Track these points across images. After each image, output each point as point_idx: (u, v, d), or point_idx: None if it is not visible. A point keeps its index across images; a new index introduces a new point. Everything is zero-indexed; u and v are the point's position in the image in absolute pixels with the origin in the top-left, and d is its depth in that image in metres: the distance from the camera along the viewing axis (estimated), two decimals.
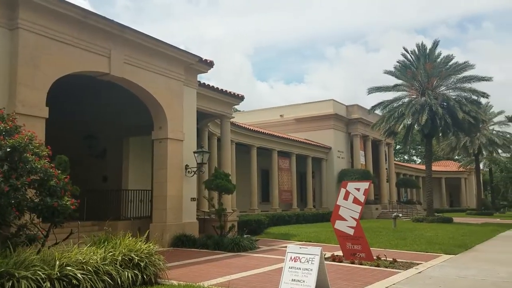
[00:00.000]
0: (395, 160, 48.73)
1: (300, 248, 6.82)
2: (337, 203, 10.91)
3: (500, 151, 46.05)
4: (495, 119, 46.62)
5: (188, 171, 14.50)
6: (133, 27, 12.40)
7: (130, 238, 7.76)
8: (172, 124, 13.82)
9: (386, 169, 41.07)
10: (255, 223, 18.26)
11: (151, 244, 7.74)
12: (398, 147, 63.81)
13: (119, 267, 6.87)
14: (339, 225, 10.80)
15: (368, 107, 33.50)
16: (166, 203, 13.41)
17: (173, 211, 13.58)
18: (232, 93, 18.18)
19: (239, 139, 24.66)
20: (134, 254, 7.24)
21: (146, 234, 8.50)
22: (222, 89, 17.64)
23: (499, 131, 46.05)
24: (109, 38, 11.90)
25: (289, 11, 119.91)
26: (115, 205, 14.80)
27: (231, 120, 19.73)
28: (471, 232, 20.23)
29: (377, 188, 38.28)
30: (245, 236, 13.62)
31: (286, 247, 6.93)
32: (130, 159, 16.56)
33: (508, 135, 45.62)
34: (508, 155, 46.79)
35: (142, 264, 7.19)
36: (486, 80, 29.16)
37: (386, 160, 41.36)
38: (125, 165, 16.50)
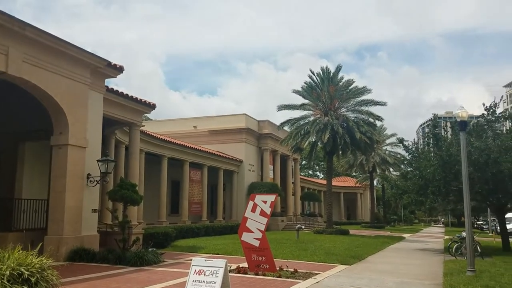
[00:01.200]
0: (300, 174, 51.05)
1: (205, 260, 6.83)
2: (245, 215, 11.13)
3: (391, 169, 50.60)
4: (388, 141, 51.36)
5: (90, 181, 13.74)
6: (35, 25, 11.56)
7: (21, 251, 7.13)
8: (74, 130, 13.03)
9: (293, 183, 42.84)
10: (162, 235, 17.81)
11: (44, 258, 7.18)
12: (304, 162, 66.92)
13: (6, 283, 6.26)
14: (246, 237, 11.00)
15: (278, 123, 34.87)
16: (64, 214, 12.52)
17: (71, 223, 12.73)
18: (143, 100, 17.70)
19: (149, 149, 23.98)
20: (24, 268, 6.64)
21: (38, 247, 7.87)
22: (132, 96, 17.09)
23: (391, 151, 50.71)
24: (8, 34, 10.96)
25: (204, 23, 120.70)
26: (5, 216, 13.45)
27: (142, 128, 19.16)
28: (365, 244, 21.86)
29: (284, 201, 39.68)
30: (150, 249, 13.20)
31: (192, 260, 6.90)
32: (25, 165, 15.21)
33: (398, 155, 50.39)
34: (398, 173, 51.54)
35: (32, 279, 6.62)
36: (381, 105, 32.05)
37: (292, 174, 43.18)
38: (19, 172, 15.11)
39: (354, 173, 64.14)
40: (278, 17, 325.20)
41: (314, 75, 32.69)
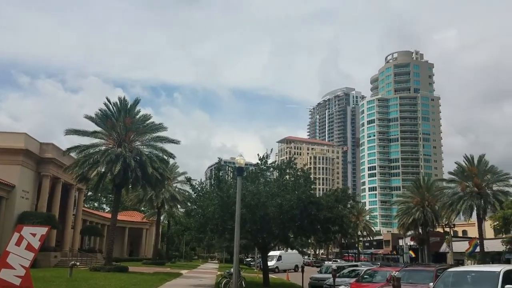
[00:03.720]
0: (85, 206, 47.57)
1: None
2: (7, 249, 9.86)
3: (179, 206, 52.16)
4: (179, 178, 53.07)
5: None
6: None
7: None
8: None
9: (74, 215, 39.53)
10: None
11: None
12: (90, 193, 62.74)
13: None
14: (4, 274, 9.69)
15: (64, 148, 32.17)
16: None
17: None
18: None
19: None
20: None
21: None
22: None
23: (180, 188, 52.47)
24: None
25: None
26: None
27: None
28: (143, 281, 21.73)
29: (61, 234, 36.13)
30: None
31: None
32: None
33: (187, 193, 52.49)
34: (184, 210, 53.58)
35: None
36: (175, 143, 33.28)
37: (75, 205, 39.89)
38: None
39: (143, 208, 63.43)
40: (74, 34, 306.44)
41: (110, 104, 31.82)
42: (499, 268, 12.04)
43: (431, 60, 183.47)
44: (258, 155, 23.02)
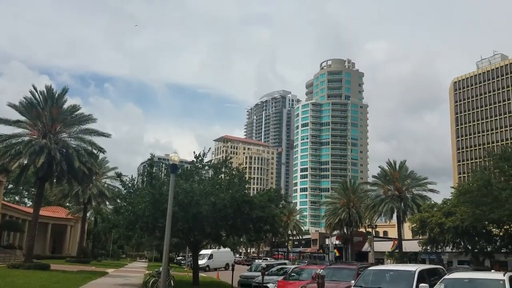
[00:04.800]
0: (4, 199, 44.15)
1: None
2: None
3: (107, 203, 50.10)
4: (109, 173, 50.92)
5: None
6: None
7: None
8: None
9: None
10: None
11: None
12: (10, 186, 58.33)
13: None
14: None
15: None
16: None
17: None
18: None
19: None
20: None
21: None
22: None
23: (110, 184, 50.41)
24: None
25: None
26: None
27: None
28: (65, 279, 20.73)
29: None
30: None
31: None
32: None
33: (116, 189, 50.51)
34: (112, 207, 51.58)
35: None
36: (105, 136, 31.88)
37: None
38: None
39: (68, 204, 60.10)
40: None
41: (36, 92, 29.78)
42: (415, 268, 13.05)
43: (362, 69, 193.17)
44: (194, 153, 22.88)
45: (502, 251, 37.08)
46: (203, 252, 42.05)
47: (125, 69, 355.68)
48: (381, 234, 75.05)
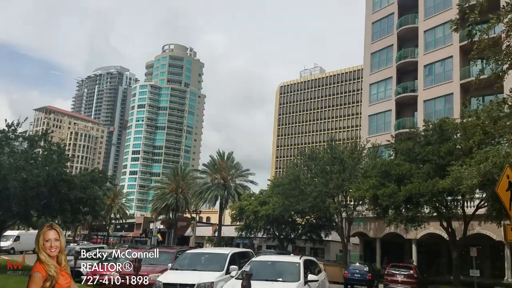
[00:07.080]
0: None
1: None
2: None
3: None
4: None
5: None
6: None
7: None
8: None
9: None
10: None
11: None
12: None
13: None
14: None
15: None
16: None
17: None
18: None
19: None
20: None
21: None
22: None
23: None
24: None
25: None
26: None
27: None
28: None
29: None
30: None
31: None
32: None
33: None
34: None
35: None
36: None
37: None
38: None
39: None
40: None
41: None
42: (228, 251, 14.14)
43: (202, 59, 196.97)
44: (6, 120, 20.07)
45: (303, 238, 42.79)
46: (8, 233, 37.53)
47: None
48: (204, 220, 78.26)
